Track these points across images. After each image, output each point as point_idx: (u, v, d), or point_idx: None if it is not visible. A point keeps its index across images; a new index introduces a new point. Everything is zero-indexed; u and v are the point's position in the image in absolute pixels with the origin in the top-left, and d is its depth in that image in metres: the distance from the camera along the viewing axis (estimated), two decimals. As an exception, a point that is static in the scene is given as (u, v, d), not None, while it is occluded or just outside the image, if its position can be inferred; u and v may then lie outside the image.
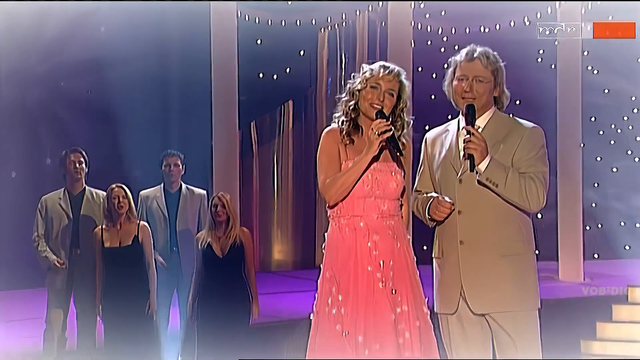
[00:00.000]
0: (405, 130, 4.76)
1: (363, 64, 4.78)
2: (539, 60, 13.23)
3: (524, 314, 4.55)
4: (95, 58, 12.10)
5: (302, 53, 13.41)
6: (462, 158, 4.56)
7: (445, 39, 12.42)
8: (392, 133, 4.58)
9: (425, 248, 5.14)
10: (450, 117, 4.80)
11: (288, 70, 13.55)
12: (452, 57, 4.69)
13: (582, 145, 12.42)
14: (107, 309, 7.62)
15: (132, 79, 12.14)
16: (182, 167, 8.49)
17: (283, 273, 13.44)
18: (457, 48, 4.75)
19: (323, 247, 4.76)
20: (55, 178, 8.80)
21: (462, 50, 4.66)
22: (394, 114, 4.71)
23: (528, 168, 4.54)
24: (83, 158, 8.06)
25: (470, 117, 4.55)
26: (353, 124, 4.72)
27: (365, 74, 4.70)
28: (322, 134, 4.76)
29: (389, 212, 4.70)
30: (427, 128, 4.90)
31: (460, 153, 4.57)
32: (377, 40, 12.61)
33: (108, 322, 7.64)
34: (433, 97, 10.46)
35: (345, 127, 4.71)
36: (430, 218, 4.62)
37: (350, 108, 4.72)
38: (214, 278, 7.69)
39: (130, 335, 7.56)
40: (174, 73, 12.80)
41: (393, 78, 4.69)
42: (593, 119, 13.54)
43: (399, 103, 4.72)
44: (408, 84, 4.74)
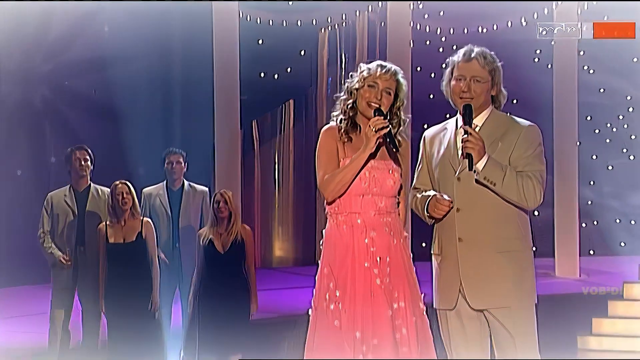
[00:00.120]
0: (402, 128, 4.77)
1: (361, 63, 4.78)
2: (536, 60, 13.23)
3: (522, 310, 4.55)
4: (99, 57, 12.11)
5: (302, 53, 13.41)
6: (460, 157, 4.56)
7: (444, 39, 12.42)
8: (389, 130, 4.59)
9: (424, 245, 5.15)
10: (449, 116, 4.79)
11: (289, 70, 13.55)
12: (449, 57, 4.68)
13: (578, 144, 12.42)
14: (110, 305, 7.62)
15: (135, 78, 12.14)
16: (184, 164, 8.49)
17: (284, 269, 13.44)
18: (455, 48, 4.74)
19: (321, 243, 4.76)
20: (60, 176, 8.81)
21: (459, 51, 4.65)
22: (391, 112, 4.71)
23: (525, 166, 4.54)
24: (88, 155, 8.05)
25: (468, 116, 4.55)
26: (351, 123, 4.72)
27: (363, 73, 4.71)
28: (320, 132, 4.77)
29: (386, 209, 4.70)
30: (425, 127, 4.89)
31: (459, 151, 4.56)
32: (376, 40, 12.62)
33: (111, 317, 7.64)
34: (431, 96, 10.44)
35: (344, 125, 4.72)
36: (429, 215, 4.61)
37: (349, 107, 4.72)
38: (215, 274, 7.69)
39: (134, 331, 7.56)
40: (177, 73, 12.80)
41: (390, 77, 4.69)
42: (589, 118, 13.54)
43: (396, 101, 4.72)
44: (405, 83, 4.74)
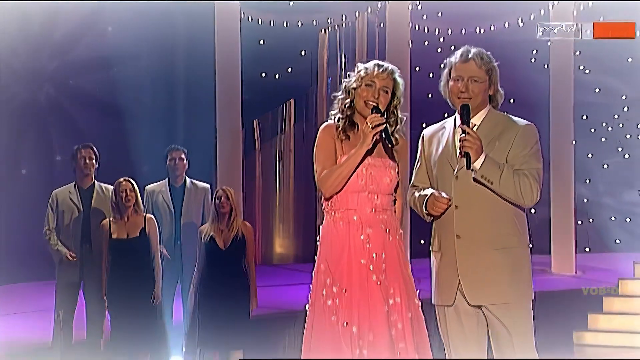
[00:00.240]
0: (399, 127, 4.77)
1: (358, 63, 4.79)
2: (533, 60, 13.22)
3: (519, 306, 4.56)
4: (104, 57, 12.11)
5: (303, 53, 13.41)
6: (458, 155, 4.56)
7: (442, 40, 12.41)
8: (385, 127, 4.59)
9: (423, 242, 5.14)
10: (447, 115, 4.79)
11: (289, 70, 13.54)
12: (447, 58, 4.68)
13: (574, 143, 12.42)
14: (114, 300, 7.63)
15: (139, 78, 12.15)
16: (186, 161, 8.50)
17: (284, 266, 13.44)
18: (453, 48, 4.74)
19: (317, 239, 4.76)
20: (65, 174, 8.80)
21: (456, 52, 4.65)
22: (388, 111, 4.72)
23: (522, 164, 4.54)
24: (94, 154, 8.06)
25: (466, 116, 4.55)
26: (349, 121, 4.73)
27: (360, 73, 4.71)
28: (319, 130, 4.77)
29: (382, 206, 4.70)
30: (424, 126, 4.89)
31: (457, 150, 4.57)
32: (375, 41, 12.61)
33: (115, 312, 7.65)
34: (430, 95, 10.42)
35: (341, 124, 4.73)
36: (428, 213, 4.62)
37: (346, 106, 4.73)
38: (216, 270, 7.69)
39: (137, 326, 7.56)
40: (180, 73, 12.80)
41: (387, 76, 4.69)
42: (585, 117, 13.54)
43: (393, 100, 4.73)
44: (402, 82, 4.75)
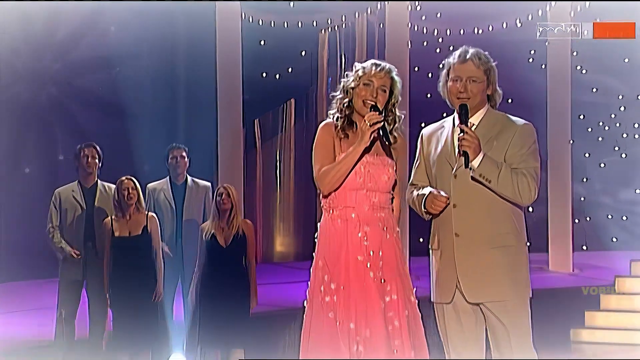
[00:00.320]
0: (397, 125, 4.77)
1: (355, 63, 4.79)
2: (530, 61, 13.22)
3: (516, 303, 4.56)
4: (105, 57, 12.10)
5: (303, 53, 13.40)
6: (456, 154, 4.56)
7: (441, 40, 12.41)
8: (383, 125, 4.59)
9: (422, 240, 5.14)
10: (445, 114, 4.80)
11: (290, 70, 13.54)
12: (445, 59, 4.68)
13: (571, 142, 12.43)
14: (116, 297, 7.62)
15: (141, 78, 12.15)
16: (187, 159, 8.49)
17: (285, 264, 13.44)
18: (452, 49, 4.73)
19: (315, 236, 4.76)
20: (68, 173, 8.80)
21: (454, 53, 4.65)
22: (386, 109, 4.72)
23: (520, 163, 4.54)
24: (97, 153, 8.05)
25: (464, 115, 4.55)
26: (347, 120, 4.73)
27: (358, 72, 4.71)
28: (318, 128, 4.77)
29: (380, 204, 4.70)
30: (423, 125, 4.89)
31: (455, 149, 4.57)
32: (375, 41, 12.61)
33: (117, 309, 7.64)
34: (429, 95, 10.44)
35: (340, 123, 4.73)
36: (427, 211, 4.61)
37: (345, 105, 4.73)
38: (217, 268, 7.69)
39: (139, 323, 7.56)
40: (181, 72, 12.80)
41: (385, 75, 4.70)
42: (582, 117, 13.54)
43: (391, 98, 4.74)
44: (399, 80, 4.75)
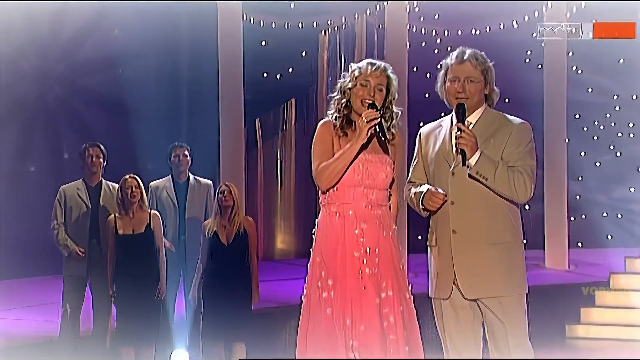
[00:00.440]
0: (395, 121, 4.78)
1: (351, 63, 4.79)
2: (527, 61, 13.23)
3: (512, 299, 4.56)
4: (109, 57, 12.11)
5: (304, 54, 13.40)
6: (454, 152, 4.56)
7: (439, 41, 12.40)
8: (380, 122, 4.60)
9: (420, 237, 5.14)
10: (443, 114, 4.80)
11: (291, 70, 13.55)
12: (443, 60, 4.69)
13: (567, 141, 12.43)
14: (120, 293, 7.62)
15: (144, 78, 12.15)
16: (189, 158, 8.49)
17: (286, 261, 13.44)
18: (450, 49, 4.75)
19: (313, 232, 4.77)
20: (72, 171, 8.80)
21: (452, 54, 4.66)
22: (384, 106, 4.73)
23: (516, 161, 4.55)
24: (101, 152, 8.05)
25: (461, 114, 4.56)
26: (346, 120, 4.74)
27: (354, 73, 4.72)
28: (317, 126, 4.78)
29: (377, 201, 4.71)
30: (421, 124, 4.90)
31: (453, 147, 4.58)
32: (374, 42, 12.61)
33: (121, 305, 7.64)
34: (427, 95, 10.45)
35: (339, 122, 4.74)
36: (424, 208, 4.62)
37: (343, 105, 4.74)
38: (219, 264, 7.68)
39: (142, 319, 7.56)
40: (184, 73, 12.80)
41: (381, 73, 4.71)
42: (577, 116, 13.55)
43: (388, 96, 4.74)
44: (395, 78, 4.76)
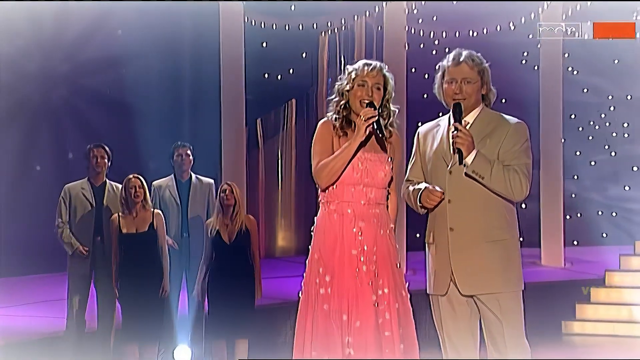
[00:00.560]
0: (392, 119, 4.79)
1: (347, 66, 4.81)
2: (523, 62, 13.24)
3: (509, 295, 4.57)
4: (113, 58, 12.11)
5: (304, 55, 13.41)
6: (451, 152, 4.58)
7: (437, 42, 12.41)
8: (378, 119, 4.61)
9: (419, 236, 5.15)
10: (441, 114, 4.82)
11: (291, 71, 13.56)
12: (440, 62, 4.71)
13: (562, 141, 12.44)
14: (124, 291, 7.63)
15: (147, 79, 12.15)
16: (192, 157, 8.50)
17: (286, 259, 13.45)
18: (447, 50, 4.76)
19: (312, 229, 4.78)
20: (77, 171, 8.80)
21: (448, 55, 4.68)
22: (381, 105, 4.74)
23: (512, 160, 4.56)
24: (106, 153, 8.06)
25: (458, 114, 4.58)
26: (345, 120, 4.75)
27: (351, 74, 4.73)
28: (317, 125, 4.80)
29: (376, 200, 4.72)
30: (419, 124, 4.91)
31: (451, 147, 4.59)
32: (373, 43, 12.63)
33: (125, 303, 7.65)
34: (425, 95, 10.46)
35: (338, 123, 4.75)
36: (422, 206, 4.64)
37: (342, 107, 4.75)
38: (222, 263, 7.70)
39: (146, 316, 7.57)
40: (186, 74, 12.81)
41: (377, 73, 4.72)
42: (573, 116, 13.56)
43: (385, 94, 4.75)
44: (391, 76, 4.77)
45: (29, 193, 11.88)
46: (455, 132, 4.51)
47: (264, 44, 12.56)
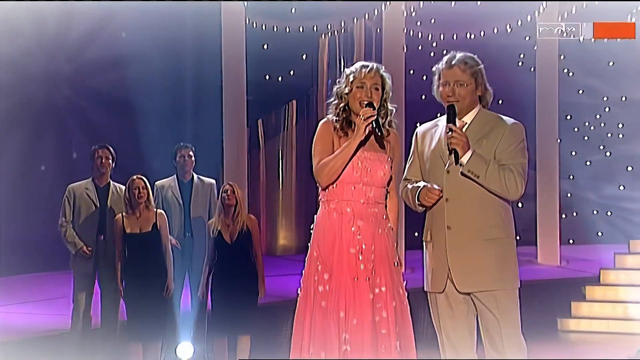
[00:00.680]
0: (390, 117, 4.80)
1: (345, 69, 4.82)
2: (520, 64, 13.26)
3: (505, 293, 4.58)
4: (116, 59, 12.11)
5: (304, 57, 13.42)
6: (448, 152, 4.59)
7: (435, 44, 12.42)
8: (376, 118, 4.63)
9: (417, 234, 5.16)
10: (439, 114, 4.83)
11: (292, 73, 13.57)
12: (436, 65, 4.73)
13: (558, 141, 12.45)
14: (128, 290, 7.64)
15: (149, 80, 12.16)
16: (194, 158, 8.50)
17: (287, 257, 13.46)
18: (445, 52, 4.77)
19: (311, 227, 4.79)
20: (81, 170, 8.80)
21: (443, 59, 4.70)
22: (379, 104, 4.75)
23: (508, 160, 4.57)
24: (110, 154, 8.05)
25: (452, 115, 4.60)
26: (345, 121, 4.76)
27: (350, 77, 4.75)
28: (317, 125, 4.81)
29: (375, 199, 4.73)
30: (418, 125, 4.92)
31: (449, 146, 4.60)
32: (372, 45, 12.64)
33: (129, 301, 7.66)
34: (423, 97, 10.46)
35: (339, 124, 4.76)
36: (420, 204, 4.64)
37: (341, 109, 4.76)
38: (225, 263, 7.70)
39: (150, 314, 7.57)
40: (188, 75, 12.82)
41: (375, 74, 4.74)
42: (569, 117, 13.58)
43: (383, 94, 4.76)
44: (388, 76, 4.78)
45: (34, 192, 11.88)
46: (450, 133, 4.53)
47: (265, 46, 12.57)
